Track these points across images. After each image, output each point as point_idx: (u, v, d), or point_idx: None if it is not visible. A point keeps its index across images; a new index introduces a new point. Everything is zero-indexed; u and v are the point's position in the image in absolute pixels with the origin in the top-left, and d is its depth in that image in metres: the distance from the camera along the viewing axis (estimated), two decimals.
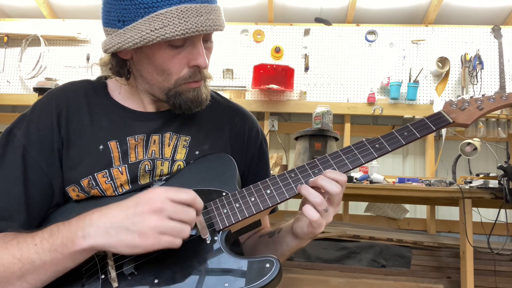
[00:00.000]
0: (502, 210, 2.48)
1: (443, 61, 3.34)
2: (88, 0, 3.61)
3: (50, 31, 3.63)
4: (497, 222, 2.37)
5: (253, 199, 0.82)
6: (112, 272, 0.75)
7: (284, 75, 3.38)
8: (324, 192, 0.79)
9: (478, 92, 3.32)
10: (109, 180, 0.86)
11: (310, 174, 0.83)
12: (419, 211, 3.43)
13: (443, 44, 3.43)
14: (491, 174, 2.47)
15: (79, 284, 0.76)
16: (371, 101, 3.38)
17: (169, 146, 0.92)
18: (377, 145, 0.86)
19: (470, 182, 2.46)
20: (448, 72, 3.33)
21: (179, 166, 0.91)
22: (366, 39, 3.50)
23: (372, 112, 3.38)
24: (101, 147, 0.88)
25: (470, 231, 2.30)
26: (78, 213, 0.74)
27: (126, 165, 0.88)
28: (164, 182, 0.90)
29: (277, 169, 2.93)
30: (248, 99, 3.47)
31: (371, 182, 2.55)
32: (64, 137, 0.87)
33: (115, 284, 0.74)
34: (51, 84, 3.25)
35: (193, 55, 0.83)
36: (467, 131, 3.22)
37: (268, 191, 0.82)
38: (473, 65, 3.32)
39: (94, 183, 0.85)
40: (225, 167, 0.91)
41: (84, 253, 0.71)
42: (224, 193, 0.84)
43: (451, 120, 0.89)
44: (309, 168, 0.84)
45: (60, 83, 3.10)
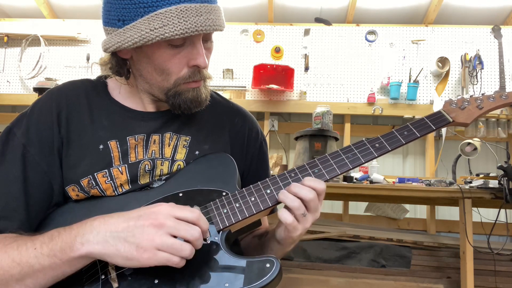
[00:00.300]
0: (502, 210, 2.48)
1: (443, 61, 3.34)
2: (88, 0, 3.61)
3: (50, 31, 3.63)
4: (497, 222, 2.37)
5: (253, 199, 0.81)
6: (112, 272, 0.75)
7: (284, 75, 3.38)
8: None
9: (478, 92, 3.32)
10: (109, 180, 0.86)
11: (310, 174, 0.83)
12: (419, 211, 3.43)
13: (443, 44, 3.43)
14: (491, 174, 2.47)
15: (79, 284, 0.76)
16: (371, 101, 3.38)
17: (169, 146, 0.92)
18: (377, 145, 0.86)
19: (470, 182, 2.46)
20: (448, 72, 3.33)
21: (179, 166, 0.91)
22: (366, 39, 3.50)
23: (372, 112, 3.38)
24: (101, 146, 0.88)
25: (470, 231, 2.30)
26: (78, 213, 0.74)
27: (126, 165, 0.87)
28: (164, 182, 0.90)
29: (277, 169, 2.93)
30: (248, 99, 3.47)
31: (371, 182, 2.55)
32: (64, 137, 0.87)
33: (115, 285, 0.74)
34: (51, 84, 3.25)
35: (193, 55, 0.83)
36: (467, 131, 3.22)
37: (268, 191, 0.82)
38: (473, 65, 3.32)
39: (94, 182, 0.85)
40: (225, 167, 0.91)
41: (81, 260, 0.70)
42: (224, 193, 0.84)
43: (451, 119, 0.89)
44: (309, 168, 0.84)
45: (60, 83, 3.10)
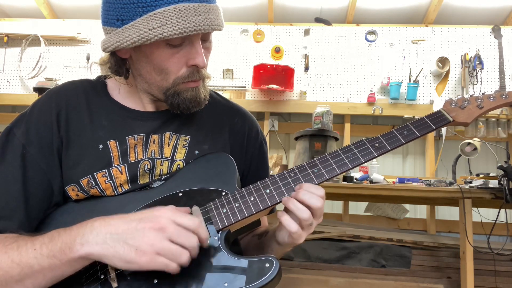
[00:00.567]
0: (502, 210, 2.48)
1: (443, 61, 3.34)
2: (88, 0, 3.61)
3: (50, 31, 3.63)
4: (497, 222, 2.37)
5: (252, 198, 0.81)
6: (112, 272, 0.75)
7: (284, 75, 3.38)
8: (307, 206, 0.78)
9: (478, 92, 3.32)
10: (109, 179, 0.86)
11: (310, 174, 0.83)
12: (419, 211, 3.43)
13: (443, 44, 3.43)
14: (491, 174, 2.47)
15: (79, 284, 0.76)
16: (371, 101, 3.38)
17: (168, 145, 0.92)
18: (376, 144, 0.86)
19: (470, 182, 2.46)
20: (448, 72, 3.33)
21: (178, 166, 0.91)
22: (366, 39, 3.50)
23: (372, 112, 3.38)
24: (100, 146, 0.88)
25: (470, 231, 2.30)
26: (78, 213, 0.73)
27: (125, 165, 0.87)
28: (163, 181, 0.90)
29: (277, 169, 2.93)
30: (248, 99, 3.47)
31: (371, 182, 2.55)
32: (63, 137, 0.87)
33: (114, 284, 0.74)
34: (51, 84, 3.25)
35: (191, 54, 0.83)
36: (467, 131, 3.22)
37: (268, 191, 0.82)
38: (473, 65, 3.32)
39: (93, 182, 0.85)
40: (224, 167, 0.91)
41: (81, 260, 0.70)
42: (223, 193, 0.84)
43: (451, 119, 0.89)
44: (308, 168, 0.84)
45: (60, 83, 3.10)
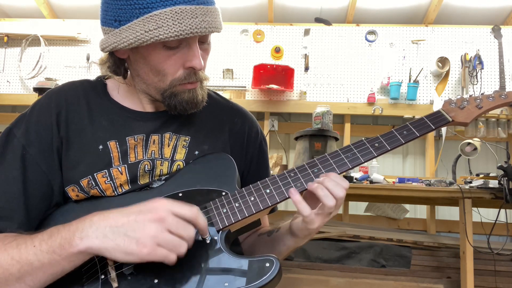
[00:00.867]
0: (502, 210, 2.48)
1: (443, 61, 3.34)
2: (88, 0, 3.61)
3: (50, 31, 3.63)
4: (497, 222, 2.37)
5: (252, 198, 0.82)
6: (112, 272, 0.75)
7: (284, 75, 3.38)
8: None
9: (478, 92, 3.32)
10: (109, 180, 0.86)
11: (310, 174, 0.83)
12: (419, 211, 3.43)
13: (443, 44, 3.43)
14: (491, 174, 2.47)
15: (79, 284, 0.76)
16: (371, 101, 3.38)
17: (168, 146, 0.92)
18: (376, 144, 0.86)
19: (470, 182, 2.46)
20: (448, 72, 3.33)
21: (178, 166, 0.91)
22: (366, 39, 3.50)
23: (372, 112, 3.38)
24: (100, 147, 0.88)
25: (470, 231, 2.30)
26: (78, 213, 0.74)
27: (125, 165, 0.88)
28: (163, 182, 0.90)
29: (277, 169, 2.93)
30: (248, 99, 3.47)
31: (371, 182, 2.55)
32: (63, 137, 0.87)
33: (115, 284, 0.74)
34: (51, 84, 3.26)
35: (189, 56, 0.83)
36: (467, 131, 3.22)
37: (268, 191, 0.82)
38: (473, 65, 3.32)
39: (93, 183, 0.85)
40: (224, 167, 0.91)
41: (80, 255, 0.70)
42: (223, 193, 0.84)
43: (450, 119, 0.89)
44: (308, 168, 0.84)
45: (60, 83, 3.10)
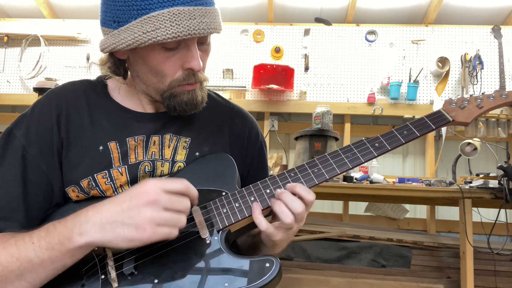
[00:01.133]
0: (502, 210, 2.48)
1: (443, 61, 3.34)
2: (88, 0, 3.61)
3: (50, 31, 3.63)
4: (497, 222, 2.37)
5: (252, 198, 0.82)
6: (112, 272, 0.75)
7: (284, 75, 3.38)
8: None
9: (478, 92, 3.32)
10: (109, 181, 0.86)
11: (310, 174, 0.83)
12: (419, 211, 3.43)
13: (443, 44, 3.43)
14: (491, 174, 2.47)
15: (79, 284, 0.76)
16: (371, 101, 3.38)
17: (169, 147, 0.92)
18: (376, 144, 0.86)
19: (470, 182, 2.46)
20: (448, 72, 3.33)
21: (179, 168, 0.91)
22: (366, 39, 3.50)
23: (372, 112, 3.39)
24: (100, 147, 0.88)
25: (470, 231, 2.30)
26: None
27: (126, 166, 0.88)
28: None
29: (277, 169, 2.93)
30: (248, 99, 3.47)
31: (371, 182, 2.55)
32: (63, 138, 0.87)
33: (115, 284, 0.74)
34: (51, 84, 3.25)
35: (187, 57, 0.83)
36: (467, 131, 3.22)
37: (268, 191, 0.82)
38: (473, 65, 3.32)
39: (94, 183, 0.85)
40: (224, 167, 0.91)
41: (81, 250, 0.71)
42: (223, 193, 0.84)
43: (451, 119, 0.89)
44: (308, 168, 0.84)
45: (60, 83, 3.10)
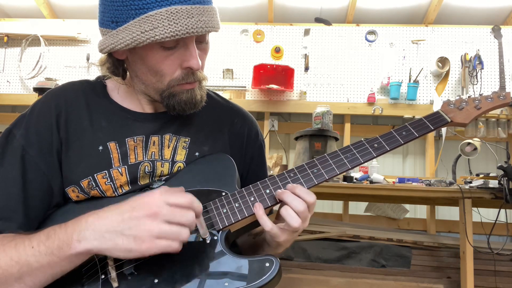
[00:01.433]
0: (502, 210, 2.48)
1: (443, 61, 3.34)
2: (88, 0, 3.61)
3: (50, 31, 3.63)
4: (497, 222, 2.37)
5: (252, 198, 0.82)
6: (112, 272, 0.75)
7: (284, 75, 3.38)
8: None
9: (478, 92, 3.32)
10: (109, 181, 0.86)
11: (309, 174, 0.83)
12: (419, 211, 3.43)
13: (443, 44, 3.43)
14: (491, 174, 2.47)
15: (79, 284, 0.76)
16: (371, 101, 3.38)
17: (168, 147, 0.92)
18: (375, 145, 0.86)
19: (470, 182, 2.46)
20: (448, 72, 3.33)
21: (179, 168, 0.91)
22: (366, 39, 3.50)
23: (372, 112, 3.39)
24: (100, 148, 0.88)
25: (470, 231, 2.30)
26: (78, 214, 0.74)
27: (126, 166, 0.88)
28: (163, 182, 0.90)
29: (277, 169, 2.94)
30: (248, 99, 3.47)
31: (371, 182, 2.55)
32: (63, 138, 0.87)
33: (115, 284, 0.74)
34: (51, 84, 3.26)
35: (186, 56, 0.83)
36: (467, 131, 3.22)
37: (268, 191, 0.82)
38: (473, 65, 3.32)
39: (94, 184, 0.85)
40: (224, 167, 0.91)
41: (80, 256, 0.71)
42: (223, 193, 0.84)
43: (449, 120, 0.89)
44: (308, 168, 0.84)
45: (60, 83, 3.10)
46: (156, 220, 0.68)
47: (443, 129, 3.18)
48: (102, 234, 0.68)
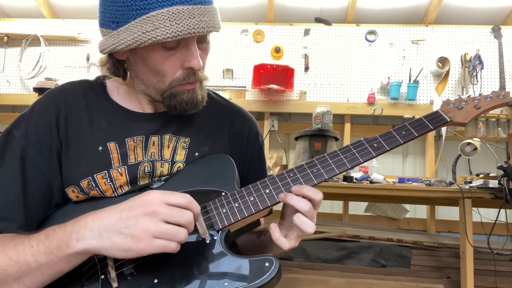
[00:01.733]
0: (502, 210, 2.48)
1: (443, 61, 3.34)
2: (88, 0, 3.61)
3: (50, 31, 3.63)
4: (497, 222, 2.37)
5: (252, 198, 0.82)
6: (112, 272, 0.75)
7: (284, 75, 3.38)
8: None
9: (478, 92, 3.32)
10: (109, 181, 0.86)
11: (309, 174, 0.83)
12: (419, 211, 3.43)
13: (443, 44, 3.43)
14: (491, 174, 2.47)
15: (79, 285, 0.76)
16: (371, 101, 3.38)
17: (168, 148, 0.92)
18: (375, 145, 0.86)
19: (470, 182, 2.46)
20: (448, 72, 3.33)
21: (179, 168, 0.91)
22: (366, 39, 3.50)
23: (372, 112, 3.39)
24: (100, 148, 0.88)
25: (470, 231, 2.30)
26: (78, 214, 0.74)
27: (125, 167, 0.88)
28: (163, 182, 0.90)
29: (277, 169, 2.94)
30: (248, 99, 3.47)
31: (371, 182, 2.55)
32: (63, 138, 0.87)
33: (115, 284, 0.74)
34: (51, 84, 3.26)
35: (187, 57, 0.83)
36: (467, 131, 3.22)
37: (267, 191, 0.82)
38: (473, 65, 3.32)
39: (93, 184, 0.85)
40: (224, 167, 0.91)
41: (78, 256, 0.70)
42: (223, 193, 0.84)
43: (449, 119, 0.89)
44: (307, 168, 0.84)
45: (60, 83, 3.11)
46: (153, 219, 0.68)
47: (443, 129, 3.18)
48: (100, 233, 0.68)
